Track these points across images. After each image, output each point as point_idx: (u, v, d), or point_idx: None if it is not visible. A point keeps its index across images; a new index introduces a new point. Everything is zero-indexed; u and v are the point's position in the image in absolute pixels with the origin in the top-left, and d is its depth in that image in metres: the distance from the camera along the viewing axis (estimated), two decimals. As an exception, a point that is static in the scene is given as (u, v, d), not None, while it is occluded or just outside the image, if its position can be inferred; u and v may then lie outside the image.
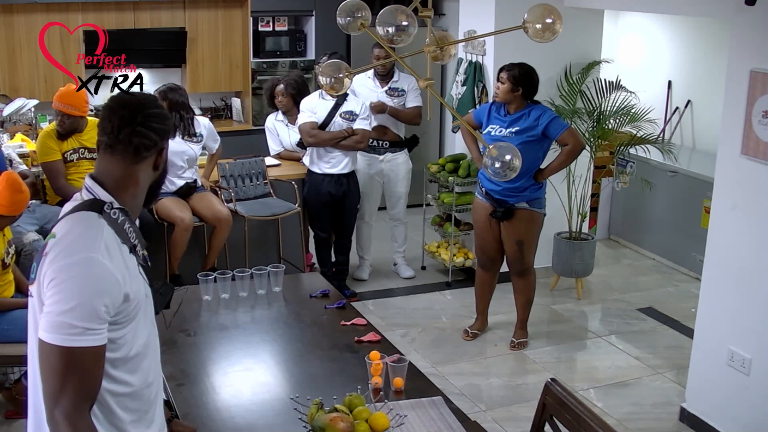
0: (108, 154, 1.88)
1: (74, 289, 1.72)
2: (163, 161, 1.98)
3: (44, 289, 1.75)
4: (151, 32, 6.89)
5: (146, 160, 1.91)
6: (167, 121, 1.96)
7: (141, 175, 1.91)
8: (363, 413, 2.42)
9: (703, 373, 4.13)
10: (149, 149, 1.90)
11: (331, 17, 3.00)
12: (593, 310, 5.72)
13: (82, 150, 5.01)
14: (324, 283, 3.78)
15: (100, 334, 1.73)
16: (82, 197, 1.89)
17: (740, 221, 3.84)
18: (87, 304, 1.71)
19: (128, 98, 1.95)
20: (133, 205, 1.93)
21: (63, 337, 1.70)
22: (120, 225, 1.85)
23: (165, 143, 1.96)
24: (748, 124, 3.70)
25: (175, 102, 5.09)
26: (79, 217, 1.83)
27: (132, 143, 1.87)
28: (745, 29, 3.73)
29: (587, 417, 2.38)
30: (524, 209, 4.74)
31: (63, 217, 1.86)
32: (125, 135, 1.86)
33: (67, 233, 1.80)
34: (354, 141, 5.40)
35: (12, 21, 6.41)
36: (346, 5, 2.69)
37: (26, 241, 4.51)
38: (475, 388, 4.54)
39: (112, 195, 1.87)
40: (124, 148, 1.87)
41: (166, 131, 1.96)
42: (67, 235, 1.79)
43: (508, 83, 4.55)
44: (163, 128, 1.94)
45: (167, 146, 2.00)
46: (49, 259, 1.76)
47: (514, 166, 2.43)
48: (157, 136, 1.90)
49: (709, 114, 6.41)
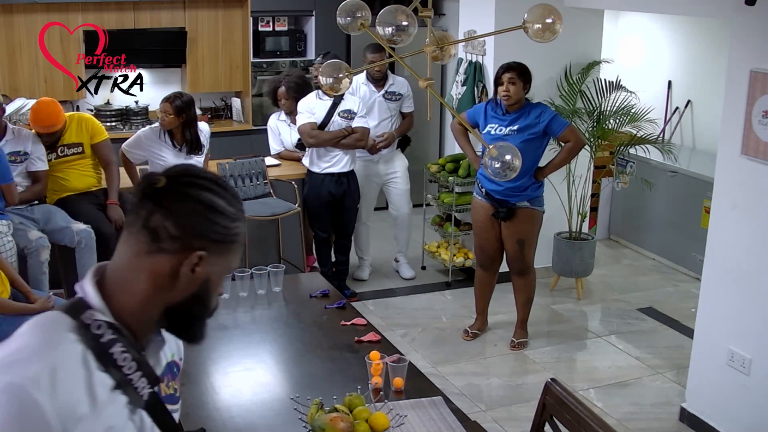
0: (126, 231, 1.35)
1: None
2: (195, 279, 1.34)
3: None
4: (151, 32, 6.88)
5: (162, 254, 1.31)
6: (222, 221, 1.34)
7: (153, 276, 1.32)
8: (363, 413, 2.42)
9: (703, 373, 4.13)
10: (165, 241, 1.31)
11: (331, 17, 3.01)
12: (593, 310, 5.72)
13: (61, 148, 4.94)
14: (324, 283, 3.78)
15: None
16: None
17: (740, 221, 3.84)
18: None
19: (183, 166, 1.39)
20: (137, 320, 1.35)
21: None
22: (103, 346, 1.29)
23: (202, 249, 1.33)
24: (748, 124, 3.70)
25: (190, 119, 5.03)
26: (42, 321, 1.31)
27: (149, 220, 1.31)
28: (745, 29, 3.72)
29: (587, 417, 2.38)
30: (526, 208, 4.75)
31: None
32: (144, 206, 1.32)
33: (12, 339, 1.29)
34: (354, 139, 5.40)
35: (12, 21, 6.41)
36: (346, 5, 2.69)
37: (32, 239, 4.51)
38: (475, 388, 4.54)
39: (105, 298, 1.33)
40: (139, 225, 1.32)
41: (202, 232, 1.32)
42: (10, 342, 1.28)
43: (520, 82, 4.56)
44: (200, 223, 1.32)
45: (217, 266, 1.37)
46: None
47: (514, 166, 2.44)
48: (181, 229, 1.31)
49: (709, 114, 6.41)
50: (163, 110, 4.94)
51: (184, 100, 5.00)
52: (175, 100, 4.95)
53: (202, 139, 5.13)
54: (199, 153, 5.10)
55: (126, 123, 6.96)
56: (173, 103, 4.94)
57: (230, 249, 1.37)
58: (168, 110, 4.93)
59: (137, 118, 6.96)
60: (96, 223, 4.81)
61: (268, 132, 5.97)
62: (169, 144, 5.03)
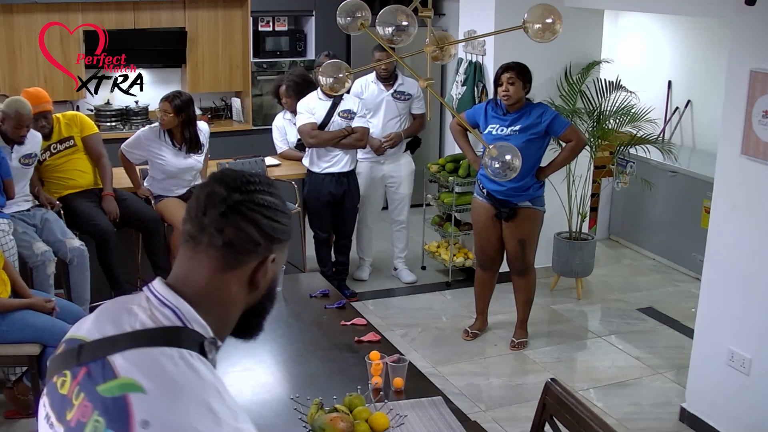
0: (189, 249, 1.31)
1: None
2: (267, 279, 1.36)
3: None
4: (151, 32, 6.88)
5: (242, 266, 1.31)
6: (282, 218, 1.34)
7: (233, 290, 1.32)
8: (363, 413, 2.42)
9: (703, 373, 4.13)
10: (248, 252, 1.30)
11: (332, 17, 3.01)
12: (593, 310, 5.72)
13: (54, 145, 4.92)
14: (324, 283, 3.78)
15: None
16: (137, 314, 1.26)
17: (740, 221, 3.84)
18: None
19: (231, 172, 1.35)
20: (226, 331, 1.37)
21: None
22: (212, 362, 1.29)
23: (273, 252, 1.34)
24: (748, 124, 3.70)
25: (190, 118, 5.03)
26: (178, 363, 1.22)
27: (223, 235, 1.28)
28: (745, 29, 3.72)
29: (587, 417, 2.38)
30: (527, 208, 4.75)
31: (121, 350, 1.22)
32: (212, 221, 1.29)
33: (171, 385, 1.19)
34: (354, 139, 5.40)
35: (12, 21, 6.41)
36: (346, 5, 2.69)
37: (37, 252, 4.47)
38: (475, 388, 4.54)
39: (202, 315, 1.29)
40: (210, 241, 1.29)
41: (277, 233, 1.33)
42: (172, 385, 1.19)
43: (519, 82, 4.55)
44: (274, 227, 1.32)
45: (279, 262, 1.37)
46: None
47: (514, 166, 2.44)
48: (263, 235, 1.30)
49: (709, 114, 6.41)
50: (163, 109, 4.94)
51: (183, 99, 4.98)
52: (174, 99, 4.94)
53: (201, 139, 5.12)
54: (198, 152, 5.10)
55: (126, 123, 6.96)
56: (172, 102, 4.93)
57: (286, 245, 1.39)
58: (167, 109, 4.92)
59: (137, 118, 6.96)
60: (96, 220, 4.82)
61: (274, 130, 5.95)
62: (168, 143, 5.03)
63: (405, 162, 5.99)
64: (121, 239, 4.97)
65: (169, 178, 5.09)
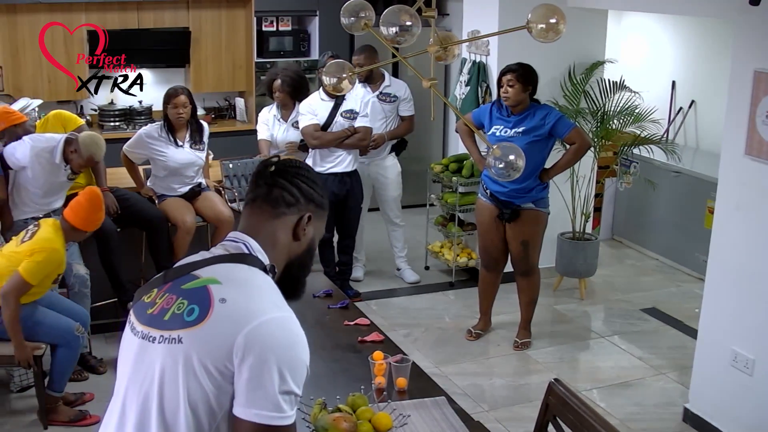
0: (248, 207, 1.77)
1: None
2: (308, 236, 1.79)
3: (235, 356, 1.55)
4: (155, 32, 6.89)
5: (285, 216, 1.75)
6: (318, 189, 1.79)
7: (280, 235, 1.75)
8: (366, 413, 2.42)
9: (707, 373, 4.13)
10: (289, 205, 1.74)
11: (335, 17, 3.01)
12: (596, 311, 5.72)
13: None
14: (327, 283, 3.78)
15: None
16: (213, 250, 1.75)
17: (744, 222, 3.84)
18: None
19: (278, 161, 1.81)
20: (279, 264, 1.79)
21: (279, 416, 1.58)
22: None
23: (310, 212, 1.77)
24: (752, 124, 3.69)
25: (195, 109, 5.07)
26: (253, 275, 1.67)
27: (271, 193, 1.74)
28: (749, 29, 3.72)
29: (590, 417, 2.38)
30: (530, 209, 4.75)
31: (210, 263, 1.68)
32: (265, 183, 1.75)
33: (242, 286, 1.63)
34: (357, 139, 5.40)
35: (15, 21, 6.42)
36: (350, 5, 2.69)
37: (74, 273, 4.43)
38: (478, 389, 4.54)
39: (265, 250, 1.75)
40: (263, 199, 1.75)
41: (312, 197, 1.78)
42: (246, 288, 1.63)
43: (519, 84, 4.55)
44: (311, 192, 1.77)
45: (316, 226, 1.80)
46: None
47: (517, 167, 2.43)
48: (301, 194, 1.75)
49: (713, 114, 6.40)
50: (182, 104, 4.97)
51: (188, 90, 5.12)
52: (185, 91, 5.05)
53: (203, 135, 5.16)
54: (200, 148, 5.12)
55: (129, 123, 6.97)
56: (187, 95, 5.04)
57: (322, 215, 1.82)
58: (186, 103, 5.00)
59: (141, 118, 6.96)
60: None
61: (259, 124, 5.79)
62: (171, 141, 5.04)
63: (391, 164, 5.98)
64: (125, 239, 4.97)
65: (171, 176, 5.09)
